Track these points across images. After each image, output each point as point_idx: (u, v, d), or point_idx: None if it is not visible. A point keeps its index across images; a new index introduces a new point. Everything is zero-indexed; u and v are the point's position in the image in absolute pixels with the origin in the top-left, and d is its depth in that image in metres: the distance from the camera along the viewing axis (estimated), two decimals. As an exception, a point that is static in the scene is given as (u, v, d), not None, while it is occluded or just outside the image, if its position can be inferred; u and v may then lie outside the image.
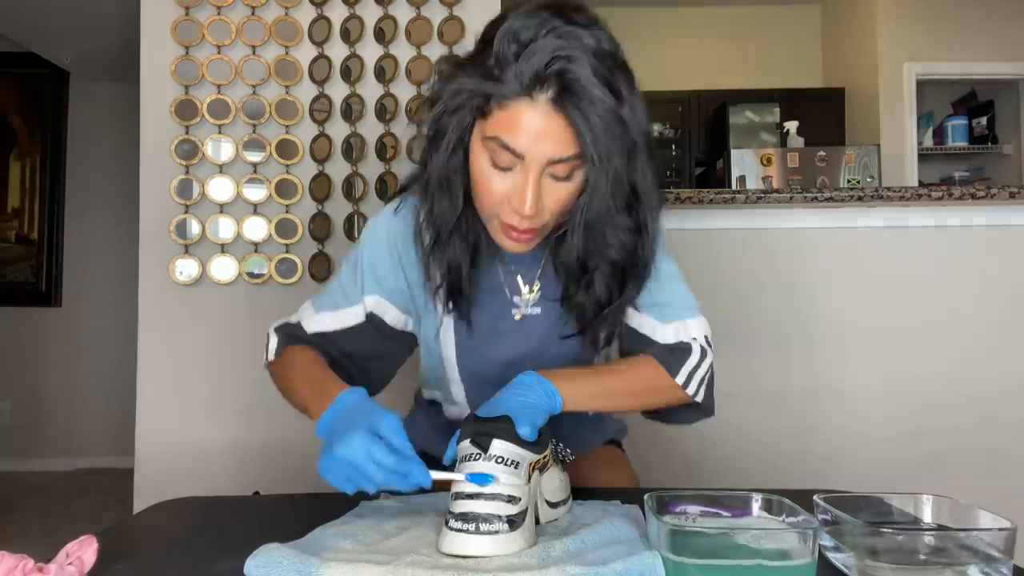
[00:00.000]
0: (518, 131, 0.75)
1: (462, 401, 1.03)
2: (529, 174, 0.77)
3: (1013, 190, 1.82)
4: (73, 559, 0.61)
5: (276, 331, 1.02)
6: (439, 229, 0.88)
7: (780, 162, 3.95)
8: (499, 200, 0.80)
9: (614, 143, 0.75)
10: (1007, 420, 1.85)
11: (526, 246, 0.85)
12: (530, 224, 0.80)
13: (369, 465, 0.71)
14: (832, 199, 1.84)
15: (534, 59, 0.73)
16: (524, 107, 0.74)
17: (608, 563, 0.63)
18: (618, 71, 0.76)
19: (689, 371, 0.93)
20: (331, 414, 0.80)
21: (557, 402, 0.83)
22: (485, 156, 0.79)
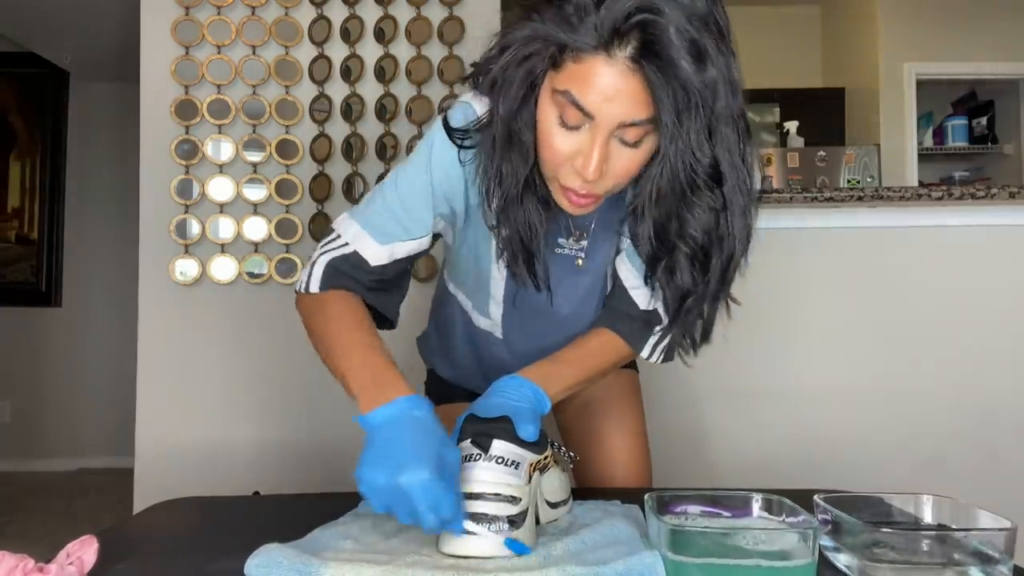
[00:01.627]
0: (590, 88, 0.69)
1: (497, 319, 1.02)
2: (597, 136, 0.72)
3: (1013, 190, 1.81)
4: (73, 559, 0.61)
5: (325, 263, 0.90)
6: (508, 188, 0.81)
7: (780, 162, 3.95)
8: (562, 160, 0.75)
9: (690, 111, 0.69)
10: (1007, 420, 1.85)
11: (586, 210, 0.80)
12: (591, 189, 0.76)
13: (427, 509, 0.66)
14: (832, 199, 1.84)
15: (615, 10, 0.66)
16: (600, 63, 0.68)
17: (608, 563, 0.63)
18: (708, 33, 0.68)
19: (653, 344, 0.97)
20: (390, 413, 0.73)
21: (546, 404, 0.83)
22: (553, 111, 0.74)
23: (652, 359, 0.98)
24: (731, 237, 0.79)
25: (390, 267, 0.91)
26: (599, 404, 1.16)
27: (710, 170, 0.73)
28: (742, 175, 0.76)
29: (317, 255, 0.92)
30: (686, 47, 0.66)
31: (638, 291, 0.94)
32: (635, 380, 1.22)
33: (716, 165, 0.73)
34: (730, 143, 0.73)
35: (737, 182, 0.76)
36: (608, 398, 1.16)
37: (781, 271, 1.91)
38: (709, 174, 0.74)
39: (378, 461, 0.68)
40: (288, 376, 2.00)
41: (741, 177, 0.76)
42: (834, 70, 4.72)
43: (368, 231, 0.90)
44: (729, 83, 0.71)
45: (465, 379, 1.16)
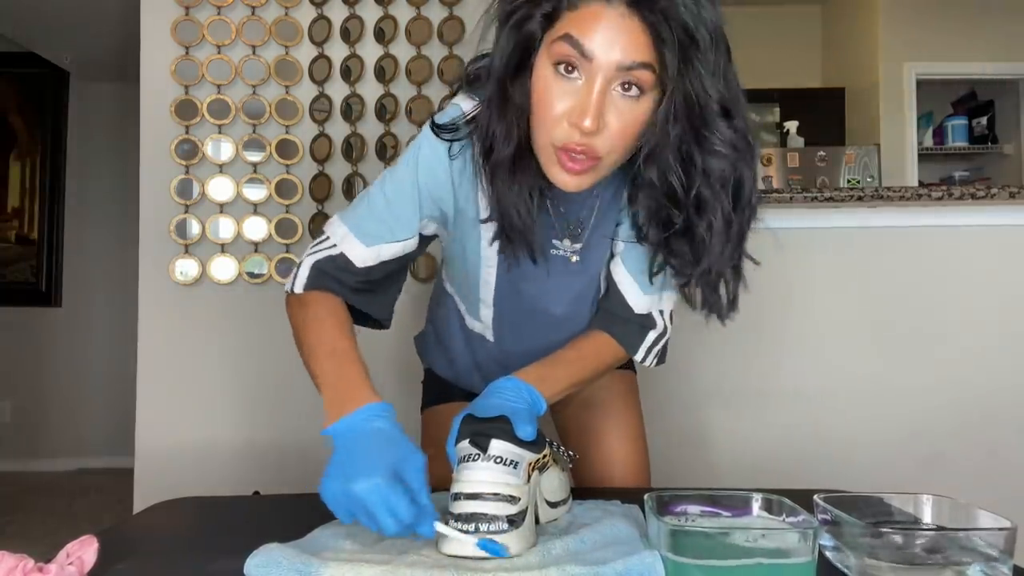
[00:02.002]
0: (589, 29, 0.70)
1: (488, 322, 1.03)
2: (595, 82, 0.71)
3: (1013, 190, 1.81)
4: (73, 559, 0.61)
5: (311, 264, 0.92)
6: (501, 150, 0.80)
7: (780, 162, 3.95)
8: (558, 116, 0.74)
9: (694, 47, 0.69)
10: (1007, 420, 1.85)
11: (580, 180, 0.77)
12: (588, 143, 0.73)
13: (384, 514, 0.67)
14: (832, 199, 1.84)
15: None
16: (599, 7, 0.69)
17: (608, 563, 0.63)
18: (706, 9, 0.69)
19: (648, 347, 0.97)
20: (351, 423, 0.75)
21: (542, 405, 0.83)
22: (549, 67, 0.73)
23: (646, 362, 0.99)
24: (750, 177, 0.79)
25: (377, 269, 0.92)
26: (597, 404, 1.17)
27: (719, 106, 0.73)
28: (744, 109, 0.77)
29: (304, 256, 0.94)
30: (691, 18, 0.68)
31: (633, 295, 0.95)
32: (633, 380, 1.23)
33: (724, 100, 0.74)
34: (734, 84, 0.75)
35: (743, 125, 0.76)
36: (606, 398, 1.17)
37: (781, 271, 1.90)
38: (719, 110, 0.74)
39: (335, 471, 0.71)
40: (288, 376, 2.00)
41: (744, 111, 0.77)
42: (834, 70, 4.72)
43: (355, 233, 0.91)
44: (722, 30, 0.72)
45: (462, 378, 1.16)
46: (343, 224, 0.92)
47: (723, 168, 0.76)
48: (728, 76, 0.74)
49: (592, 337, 0.96)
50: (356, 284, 0.92)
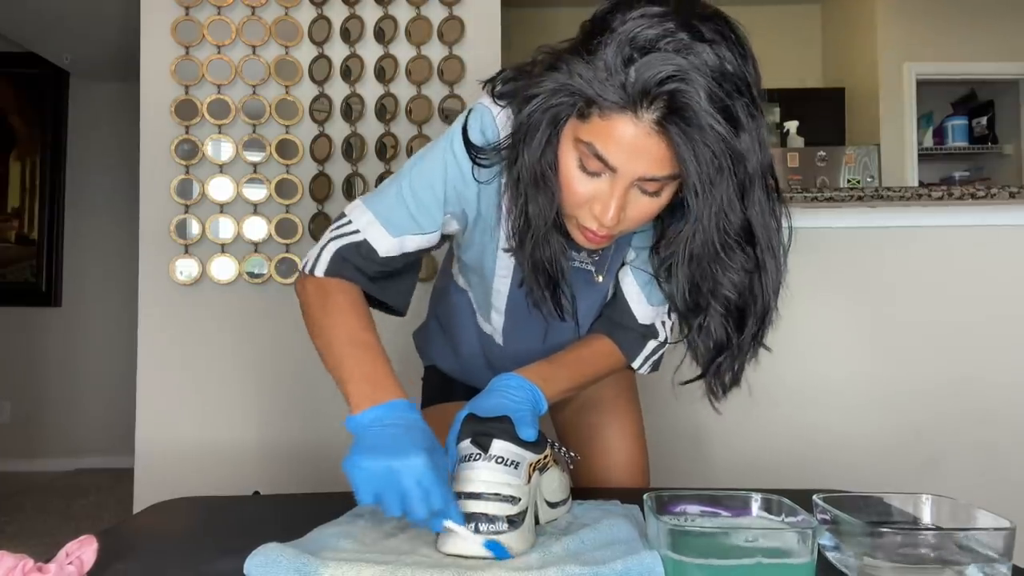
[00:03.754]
0: (614, 144, 0.70)
1: (498, 327, 1.04)
2: (616, 186, 0.73)
3: (1013, 190, 1.81)
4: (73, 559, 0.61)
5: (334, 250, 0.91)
6: (537, 228, 0.81)
7: (780, 162, 3.95)
8: (581, 203, 0.76)
9: (722, 175, 0.69)
10: (1007, 420, 1.85)
11: (601, 245, 0.82)
12: (608, 231, 0.77)
13: (416, 494, 0.67)
14: (832, 199, 1.84)
15: (647, 74, 0.66)
16: (626, 121, 0.69)
17: (608, 563, 0.63)
18: (740, 96, 0.68)
19: (646, 356, 1.00)
20: (383, 414, 0.74)
21: (544, 405, 0.84)
22: (574, 156, 0.75)
23: (641, 370, 1.01)
24: (765, 295, 0.81)
25: (397, 259, 0.92)
26: (597, 403, 1.17)
27: (742, 231, 0.74)
28: (773, 233, 0.78)
29: (327, 239, 0.92)
30: (717, 113, 0.66)
31: (639, 305, 0.97)
32: (632, 379, 1.23)
33: (748, 226, 0.75)
34: (762, 203, 0.74)
35: (769, 241, 0.77)
36: (606, 397, 1.17)
37: (781, 271, 1.91)
38: (741, 235, 0.75)
39: (371, 449, 0.70)
40: (288, 376, 2.00)
41: (772, 235, 0.78)
42: (834, 70, 4.72)
43: (381, 221, 0.90)
44: (759, 143, 0.71)
45: (468, 371, 1.15)
46: (368, 210, 0.91)
47: (733, 284, 0.79)
48: (752, 200, 0.73)
49: (595, 340, 0.98)
50: (375, 273, 0.92)
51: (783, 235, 0.80)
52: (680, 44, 0.66)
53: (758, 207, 0.74)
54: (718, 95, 0.66)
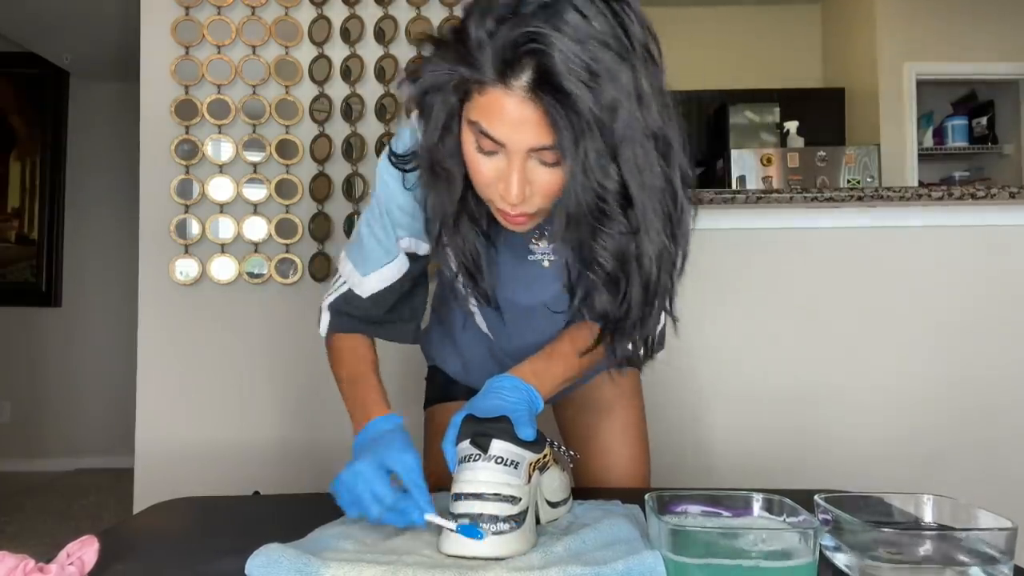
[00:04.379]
0: (496, 119, 0.70)
1: (483, 327, 1.05)
2: (512, 162, 0.72)
3: (1013, 190, 1.81)
4: (74, 559, 0.61)
5: (329, 308, 0.99)
6: (439, 217, 0.82)
7: (780, 162, 3.95)
8: (489, 183, 0.76)
9: (589, 135, 0.66)
10: (1007, 420, 1.85)
11: (525, 226, 0.81)
12: (522, 209, 0.76)
13: (367, 496, 0.76)
14: (832, 199, 1.84)
15: (504, 41, 0.66)
16: (500, 94, 0.68)
17: (609, 563, 0.63)
18: (608, 52, 0.65)
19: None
20: (362, 438, 0.85)
21: (540, 403, 0.83)
22: (472, 140, 0.74)
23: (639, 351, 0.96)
24: (648, 260, 0.76)
25: (383, 295, 0.96)
26: (599, 404, 1.16)
27: (617, 195, 0.71)
28: (655, 196, 0.73)
29: (323, 301, 1.00)
30: (577, 71, 0.64)
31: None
32: (635, 379, 1.21)
33: (624, 188, 0.70)
34: (640, 162, 0.70)
35: (651, 203, 0.72)
36: (608, 397, 1.16)
37: (781, 271, 1.91)
38: (617, 198, 0.71)
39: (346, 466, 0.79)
40: (288, 376, 2.00)
41: (654, 198, 0.73)
42: (834, 70, 4.72)
43: (354, 264, 0.97)
44: (638, 98, 0.68)
45: (474, 372, 1.14)
46: (347, 259, 0.98)
47: (610, 251, 0.75)
48: (627, 160, 0.69)
49: (585, 328, 0.94)
50: (370, 315, 0.97)
51: (682, 201, 0.76)
52: (538, 6, 0.65)
53: (636, 168, 0.70)
54: (576, 54, 0.64)
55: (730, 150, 4.07)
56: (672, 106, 0.74)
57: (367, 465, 0.77)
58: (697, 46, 4.80)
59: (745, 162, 3.97)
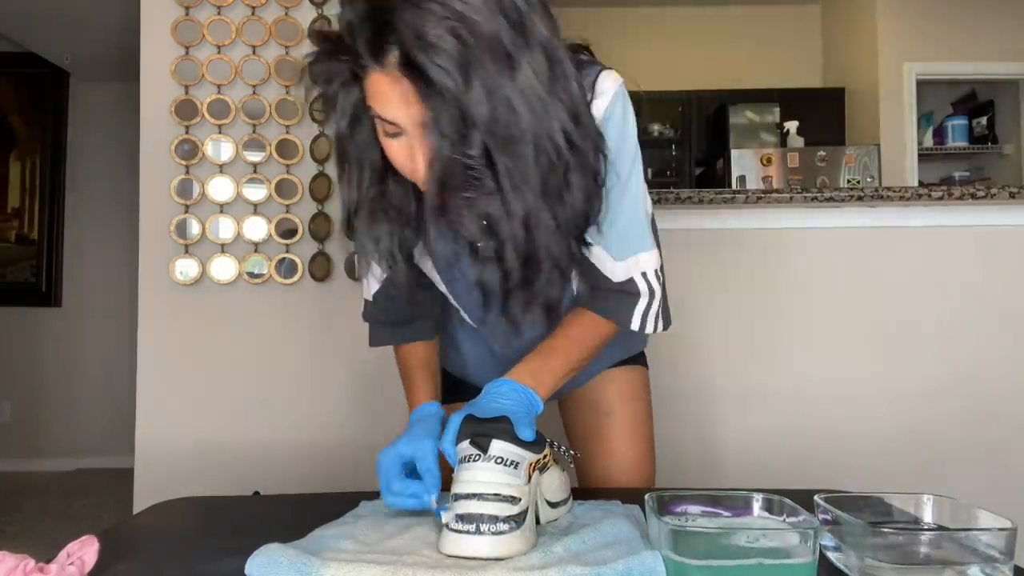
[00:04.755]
0: (380, 100, 0.71)
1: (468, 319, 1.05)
2: (412, 139, 0.72)
3: (1013, 190, 1.82)
4: (74, 559, 0.61)
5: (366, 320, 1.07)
6: (355, 206, 0.82)
7: (780, 162, 3.96)
8: (402, 165, 0.76)
9: (445, 106, 0.66)
10: (1007, 420, 1.85)
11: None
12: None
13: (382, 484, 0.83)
14: (832, 199, 1.84)
15: (372, 23, 0.67)
16: (378, 76, 0.70)
17: (609, 563, 0.63)
18: (474, 18, 0.65)
19: (642, 314, 0.92)
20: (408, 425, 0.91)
21: (539, 405, 0.83)
22: (378, 126, 0.75)
23: (647, 330, 0.93)
24: (517, 223, 0.74)
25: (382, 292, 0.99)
26: (604, 404, 1.14)
27: (480, 158, 0.69)
28: (523, 157, 0.70)
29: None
30: (433, 43, 0.65)
31: (607, 263, 0.91)
32: (643, 379, 1.19)
33: (487, 152, 0.69)
34: (504, 128, 0.68)
35: (518, 165, 0.70)
36: (613, 398, 1.14)
37: (781, 271, 1.91)
38: (482, 164, 0.70)
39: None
40: (288, 376, 2.00)
41: (521, 161, 0.71)
42: (834, 70, 4.72)
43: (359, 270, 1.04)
44: (507, 59, 0.67)
45: (472, 369, 1.14)
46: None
47: (483, 212, 0.74)
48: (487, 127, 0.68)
49: (579, 318, 0.93)
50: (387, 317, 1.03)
51: (567, 159, 0.74)
52: None
53: (501, 135, 0.68)
54: (436, 27, 0.64)
55: (730, 150, 4.08)
56: (563, 60, 0.73)
57: (385, 454, 0.83)
58: (697, 46, 4.81)
59: (745, 162, 3.98)
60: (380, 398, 1.93)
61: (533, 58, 0.69)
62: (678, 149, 4.67)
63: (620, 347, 1.13)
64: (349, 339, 1.94)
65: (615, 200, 0.87)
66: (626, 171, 0.87)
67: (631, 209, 0.89)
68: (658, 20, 4.77)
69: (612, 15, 4.64)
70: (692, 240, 1.90)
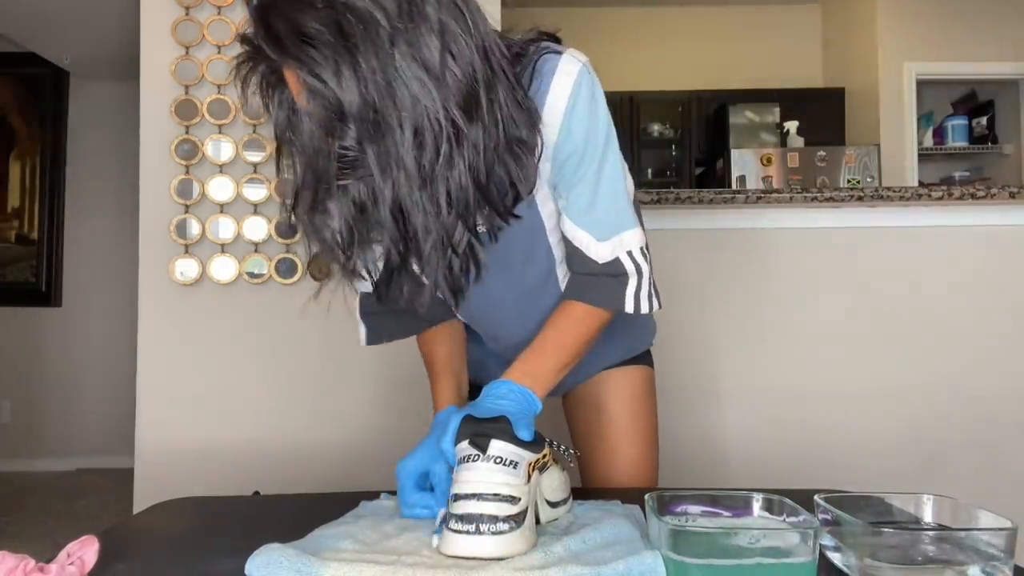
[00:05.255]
0: (298, 94, 0.71)
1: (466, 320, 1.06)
2: None
3: (1013, 190, 1.82)
4: (74, 559, 0.61)
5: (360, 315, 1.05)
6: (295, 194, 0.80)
7: (780, 162, 3.96)
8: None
9: (314, 98, 0.67)
10: (1007, 420, 1.85)
11: None
12: None
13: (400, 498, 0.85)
14: (832, 199, 1.84)
15: (260, 21, 0.68)
16: (286, 70, 0.71)
17: (609, 563, 0.63)
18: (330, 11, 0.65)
19: (634, 294, 0.91)
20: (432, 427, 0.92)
21: (537, 405, 0.83)
22: None
23: (643, 310, 0.92)
24: (381, 207, 0.73)
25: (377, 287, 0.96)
26: (608, 404, 1.14)
27: (354, 146, 0.69)
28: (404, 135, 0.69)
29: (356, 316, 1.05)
30: (302, 33, 0.65)
31: (592, 245, 0.89)
32: (648, 378, 1.18)
33: (359, 144, 0.69)
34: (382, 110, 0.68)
35: (389, 147, 0.69)
36: (618, 398, 1.13)
37: (781, 271, 1.91)
38: (354, 149, 0.69)
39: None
40: (288, 376, 2.00)
41: (395, 139, 0.69)
42: (834, 70, 4.72)
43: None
44: (388, 37, 0.66)
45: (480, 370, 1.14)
46: None
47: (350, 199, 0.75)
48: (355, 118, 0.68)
49: (568, 310, 0.92)
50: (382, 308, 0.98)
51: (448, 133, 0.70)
52: None
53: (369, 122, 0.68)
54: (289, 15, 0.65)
55: (730, 150, 4.08)
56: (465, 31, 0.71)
57: (403, 467, 0.85)
58: (697, 46, 4.81)
59: (745, 162, 3.98)
60: (380, 398, 1.93)
61: (417, 39, 0.67)
62: (678, 149, 4.67)
63: (622, 347, 1.13)
64: (349, 339, 1.94)
65: (592, 181, 0.87)
66: (599, 151, 0.86)
67: (609, 188, 0.88)
68: (658, 20, 4.77)
69: (613, 15, 4.64)
70: (692, 240, 1.90)
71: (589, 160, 0.86)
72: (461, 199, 0.75)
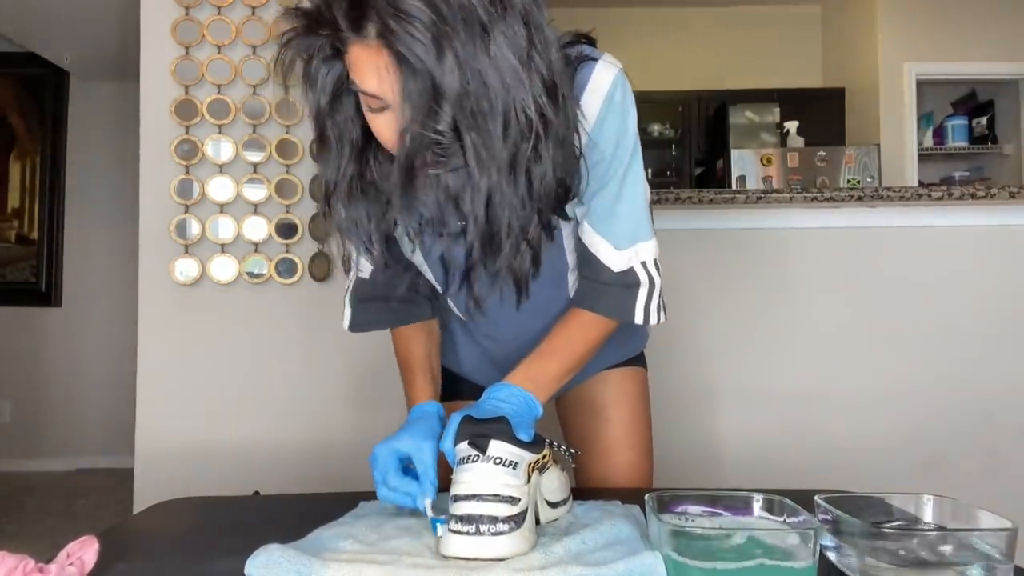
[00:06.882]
0: (361, 73, 0.69)
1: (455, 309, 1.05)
2: (394, 115, 0.71)
3: (1013, 190, 1.81)
4: (74, 559, 0.61)
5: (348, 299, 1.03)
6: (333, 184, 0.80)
7: (780, 162, 3.96)
8: (387, 141, 0.75)
9: (414, 80, 0.65)
10: (1007, 420, 1.85)
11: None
12: None
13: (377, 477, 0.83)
14: (832, 199, 1.84)
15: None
16: (359, 48, 0.68)
17: (609, 563, 0.63)
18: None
19: (644, 306, 0.91)
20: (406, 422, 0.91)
21: (538, 408, 0.83)
22: (362, 101, 0.74)
23: (652, 321, 0.92)
24: (476, 197, 0.72)
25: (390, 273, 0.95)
26: (602, 405, 1.14)
27: (449, 132, 0.68)
28: (489, 133, 0.68)
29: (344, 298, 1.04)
30: (400, 10, 0.63)
31: (608, 253, 0.89)
32: (642, 380, 1.18)
33: (456, 127, 0.68)
34: (474, 103, 0.67)
35: (484, 138, 0.68)
36: (611, 399, 1.14)
37: (782, 271, 1.91)
38: (449, 136, 0.68)
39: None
40: (288, 376, 2.00)
41: (487, 138, 0.68)
42: (834, 70, 4.72)
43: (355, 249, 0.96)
44: (481, 27, 0.65)
45: (473, 371, 1.14)
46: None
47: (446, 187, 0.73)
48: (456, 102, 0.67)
49: (575, 318, 0.92)
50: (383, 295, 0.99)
51: (538, 130, 0.70)
52: None
53: (470, 110, 0.67)
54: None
55: (730, 150, 4.08)
56: (542, 27, 0.70)
57: (383, 448, 0.83)
58: (697, 46, 4.81)
59: (745, 162, 3.97)
60: (381, 398, 1.93)
61: (509, 27, 0.67)
62: (678, 149, 4.67)
63: (617, 349, 1.12)
64: (349, 339, 1.94)
65: (615, 189, 0.86)
66: (626, 160, 0.86)
67: (632, 197, 0.88)
68: (658, 20, 4.77)
69: (613, 15, 4.64)
70: (692, 240, 1.90)
71: (615, 168, 0.86)
72: (543, 193, 0.75)
